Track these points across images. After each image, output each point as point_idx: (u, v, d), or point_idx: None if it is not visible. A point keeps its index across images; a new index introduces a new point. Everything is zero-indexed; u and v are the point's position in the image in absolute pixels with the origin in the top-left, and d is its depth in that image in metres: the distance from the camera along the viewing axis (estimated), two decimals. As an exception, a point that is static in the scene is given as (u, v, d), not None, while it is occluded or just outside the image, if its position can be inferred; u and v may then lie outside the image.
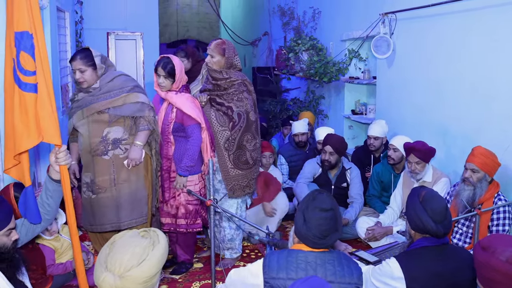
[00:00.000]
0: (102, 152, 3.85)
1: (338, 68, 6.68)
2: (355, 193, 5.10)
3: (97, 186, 3.88)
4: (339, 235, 2.51)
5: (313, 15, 7.71)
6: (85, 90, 3.89)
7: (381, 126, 5.38)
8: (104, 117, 3.84)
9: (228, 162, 4.22)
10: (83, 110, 3.85)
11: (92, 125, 3.85)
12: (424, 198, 2.69)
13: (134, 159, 3.88)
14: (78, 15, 9.02)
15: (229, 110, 4.17)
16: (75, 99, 3.95)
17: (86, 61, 3.80)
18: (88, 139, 3.85)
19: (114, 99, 3.84)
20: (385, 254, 3.76)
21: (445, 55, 4.68)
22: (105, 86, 3.86)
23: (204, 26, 16.46)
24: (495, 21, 4.02)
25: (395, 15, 5.40)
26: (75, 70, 3.79)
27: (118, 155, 3.89)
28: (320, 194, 2.52)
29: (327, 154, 5.04)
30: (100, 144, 3.84)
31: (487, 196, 3.72)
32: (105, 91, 3.85)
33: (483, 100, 4.20)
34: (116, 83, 3.89)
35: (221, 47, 4.17)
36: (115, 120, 3.86)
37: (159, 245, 2.09)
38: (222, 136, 4.18)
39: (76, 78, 3.82)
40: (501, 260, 2.03)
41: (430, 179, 4.49)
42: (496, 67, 4.04)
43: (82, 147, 3.90)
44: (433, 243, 2.67)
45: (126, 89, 3.89)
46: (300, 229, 2.47)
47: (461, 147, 4.41)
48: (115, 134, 3.87)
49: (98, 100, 3.83)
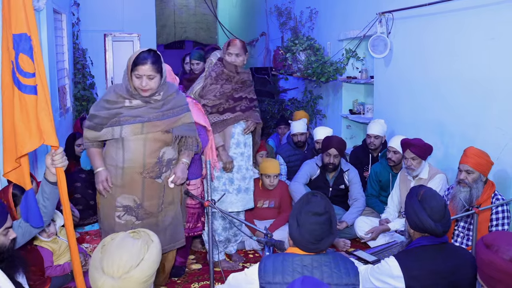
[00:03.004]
0: (156, 174, 3.46)
1: (335, 68, 6.67)
2: (357, 192, 5.10)
3: (144, 211, 3.49)
4: (333, 238, 2.49)
5: (310, 15, 7.70)
6: (144, 99, 3.39)
7: (381, 124, 5.39)
8: (166, 137, 3.45)
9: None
10: (144, 125, 3.36)
11: (150, 143, 3.40)
12: (422, 196, 2.69)
13: (183, 177, 3.53)
14: (75, 17, 9.00)
15: (257, 102, 4.44)
16: (126, 105, 3.38)
17: (157, 66, 3.32)
18: (142, 158, 3.39)
19: (178, 118, 3.49)
20: (384, 254, 3.75)
21: (442, 54, 4.68)
22: (168, 101, 3.46)
23: (202, 27, 16.44)
24: (492, 20, 4.02)
25: (392, 15, 5.40)
26: (141, 76, 3.28)
27: (168, 177, 3.54)
28: (314, 197, 2.49)
29: (331, 157, 5.02)
30: (156, 166, 3.44)
31: (485, 197, 3.72)
32: (170, 107, 3.45)
33: (481, 99, 4.20)
34: (178, 99, 3.54)
35: (245, 47, 4.30)
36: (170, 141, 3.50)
37: (153, 244, 2.08)
38: (259, 130, 4.46)
39: (142, 85, 3.29)
40: (504, 259, 2.01)
41: (426, 175, 4.49)
42: (493, 66, 4.05)
43: (127, 165, 3.39)
44: (432, 242, 2.67)
45: (185, 107, 3.57)
46: (293, 234, 2.45)
47: (459, 146, 4.41)
48: (169, 155, 3.50)
49: (164, 118, 3.41)
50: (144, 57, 3.28)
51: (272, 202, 4.99)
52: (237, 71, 4.23)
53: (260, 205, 4.98)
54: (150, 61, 3.28)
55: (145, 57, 3.28)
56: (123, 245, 2.03)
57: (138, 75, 3.28)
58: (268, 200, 4.99)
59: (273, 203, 4.99)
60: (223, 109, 4.21)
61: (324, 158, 5.08)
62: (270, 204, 4.98)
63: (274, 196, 4.98)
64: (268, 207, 5.00)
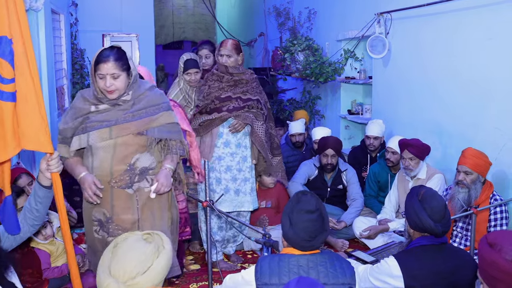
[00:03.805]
0: (126, 184, 3.04)
1: (334, 68, 6.67)
2: (355, 192, 5.09)
3: (115, 226, 3.09)
4: (327, 235, 2.52)
5: (308, 15, 7.70)
6: (111, 102, 3.03)
7: (379, 125, 5.39)
8: (139, 141, 3.05)
9: (269, 154, 4.38)
10: (112, 129, 2.99)
11: (119, 148, 3.02)
12: (423, 196, 2.70)
13: (167, 184, 3.05)
14: (73, 17, 9.00)
15: (258, 103, 4.28)
16: (92, 110, 3.04)
17: (122, 63, 2.96)
18: (110, 166, 3.01)
19: (152, 118, 3.08)
20: (383, 254, 3.76)
21: (441, 54, 4.68)
22: (139, 100, 3.08)
23: (200, 27, 16.47)
24: (491, 20, 4.02)
25: (390, 15, 5.39)
26: (105, 76, 2.93)
27: (143, 188, 3.09)
28: (304, 196, 2.52)
29: (329, 157, 5.01)
30: (126, 174, 3.03)
31: (483, 198, 3.72)
32: (141, 107, 3.06)
33: (479, 99, 4.20)
34: (152, 97, 3.13)
35: (238, 47, 4.25)
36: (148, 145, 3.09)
37: (164, 251, 2.04)
38: (262, 131, 4.28)
39: (106, 86, 2.93)
40: (507, 260, 1.99)
41: (424, 176, 4.49)
42: (491, 66, 4.04)
43: (95, 173, 3.02)
44: (432, 242, 2.68)
45: (163, 106, 3.14)
46: (287, 233, 2.48)
47: (457, 146, 4.40)
48: (144, 162, 3.07)
49: (134, 119, 3.03)
50: (106, 54, 2.93)
51: (270, 202, 4.99)
52: (228, 71, 4.21)
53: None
54: (113, 58, 2.92)
55: (107, 54, 2.93)
56: (134, 248, 1.99)
57: (101, 74, 2.93)
58: (266, 200, 4.99)
59: (270, 203, 4.99)
60: (210, 109, 4.21)
61: (321, 159, 5.07)
62: (267, 204, 4.98)
63: (272, 196, 4.98)
64: (266, 207, 4.99)
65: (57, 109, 6.83)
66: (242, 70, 4.29)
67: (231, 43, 4.23)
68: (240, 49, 4.27)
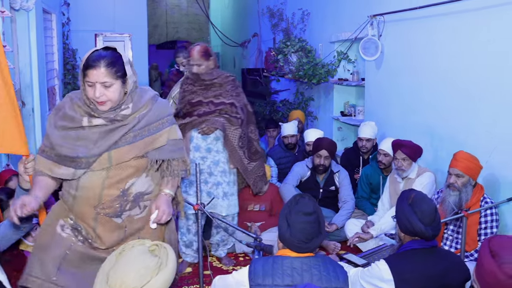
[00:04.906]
0: (115, 212, 2.60)
1: (327, 69, 6.67)
2: (346, 194, 5.08)
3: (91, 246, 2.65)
4: (323, 238, 2.54)
5: (302, 16, 7.70)
6: (108, 116, 2.52)
7: (372, 127, 5.40)
8: (138, 163, 2.61)
9: (244, 159, 4.26)
10: (111, 154, 2.52)
11: (114, 171, 2.56)
12: (413, 200, 2.71)
13: (167, 212, 2.60)
14: (65, 17, 8.97)
15: (233, 106, 4.17)
16: (84, 125, 2.51)
17: (115, 70, 2.45)
18: (100, 189, 2.55)
19: (155, 137, 2.61)
20: (374, 257, 3.76)
21: (433, 57, 4.68)
22: (142, 116, 2.58)
23: (194, 27, 16.43)
24: (482, 24, 4.03)
25: (383, 17, 5.40)
26: (94, 84, 2.42)
27: (133, 216, 2.66)
28: (302, 198, 2.54)
29: (322, 158, 5.01)
30: (116, 201, 2.58)
31: (474, 201, 3.72)
32: (144, 125, 2.57)
33: (470, 103, 4.21)
34: (156, 110, 2.63)
35: (206, 53, 4.13)
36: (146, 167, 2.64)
37: (166, 268, 1.96)
38: (235, 136, 4.16)
39: (96, 96, 2.43)
40: (506, 274, 1.94)
41: (415, 175, 4.50)
42: (483, 70, 4.05)
43: (80, 192, 2.58)
44: (422, 246, 2.69)
45: (168, 120, 2.67)
46: (284, 234, 2.48)
47: (448, 148, 4.41)
48: (139, 187, 2.64)
49: (136, 139, 2.56)
50: (97, 58, 2.42)
51: (263, 205, 4.98)
52: (201, 78, 4.15)
53: (250, 208, 4.97)
54: (105, 63, 2.41)
55: (98, 58, 2.42)
56: (136, 260, 1.94)
57: (90, 82, 2.42)
58: (259, 203, 4.97)
59: (263, 206, 4.98)
60: (183, 114, 4.18)
61: (314, 159, 5.07)
62: (261, 207, 4.97)
63: (265, 199, 4.97)
64: (259, 211, 4.98)
65: (48, 110, 6.79)
66: (216, 74, 4.18)
67: (197, 52, 4.12)
68: (209, 54, 4.15)
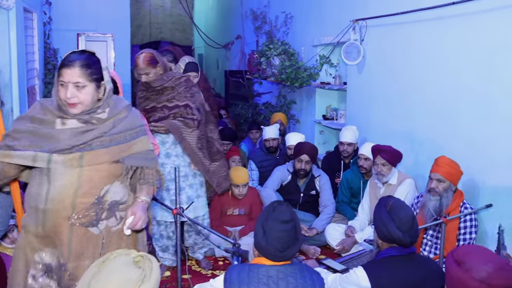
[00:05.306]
0: (90, 221, 2.47)
1: (309, 73, 6.67)
2: (327, 199, 5.08)
3: (69, 275, 2.47)
4: (299, 245, 2.51)
5: (285, 19, 7.70)
6: (82, 118, 2.47)
7: (353, 131, 5.41)
8: (113, 169, 2.53)
9: (205, 160, 4.17)
10: (83, 155, 2.42)
11: (87, 177, 2.45)
12: (391, 207, 2.71)
13: (143, 218, 2.50)
14: (46, 16, 8.86)
15: (187, 108, 4.07)
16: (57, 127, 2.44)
17: (91, 72, 2.42)
18: (73, 197, 2.42)
19: (130, 144, 2.55)
20: (353, 263, 3.76)
21: (414, 63, 4.71)
22: (118, 121, 2.54)
23: (177, 28, 16.38)
24: (464, 30, 4.06)
25: (365, 22, 5.42)
26: (66, 84, 2.38)
27: (111, 227, 2.55)
28: (280, 205, 2.51)
29: (303, 163, 5.00)
30: (91, 209, 2.47)
31: (454, 206, 3.74)
32: (119, 131, 2.51)
33: (450, 108, 4.23)
34: (131, 119, 2.60)
35: (151, 61, 3.99)
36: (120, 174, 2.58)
37: (149, 282, 1.90)
38: (193, 138, 4.07)
39: (67, 97, 2.38)
40: (475, 279, 1.97)
41: (395, 181, 4.52)
42: (462, 75, 4.08)
43: (50, 205, 2.41)
44: (400, 252, 2.69)
45: (141, 130, 2.62)
46: (260, 242, 2.45)
47: (429, 153, 4.44)
48: (115, 195, 2.55)
49: (111, 144, 2.48)
50: (72, 58, 2.40)
51: (243, 209, 4.95)
52: (151, 86, 4.06)
53: (230, 212, 4.94)
54: (80, 64, 2.38)
55: (74, 58, 2.39)
56: (120, 270, 1.90)
57: (63, 82, 2.38)
58: (238, 207, 4.95)
59: (243, 210, 4.95)
60: None
61: (295, 164, 5.06)
62: (240, 211, 4.94)
63: (245, 203, 4.95)
64: (239, 215, 4.96)
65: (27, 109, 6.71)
66: (167, 78, 4.06)
67: (143, 60, 3.98)
68: (156, 61, 4.00)
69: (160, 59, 4.02)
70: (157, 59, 4.00)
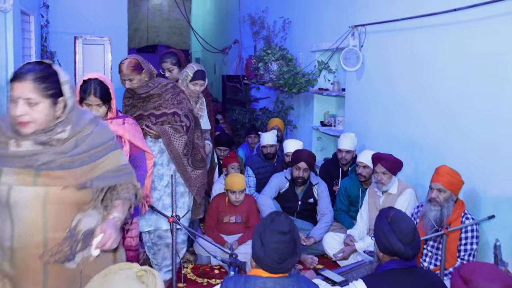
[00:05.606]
0: (66, 256, 2.22)
1: (307, 79, 6.63)
2: (325, 207, 5.03)
3: None
4: (297, 258, 2.44)
5: (283, 25, 7.65)
6: (38, 139, 2.15)
7: (351, 138, 5.36)
8: (81, 196, 2.25)
9: (188, 167, 4.07)
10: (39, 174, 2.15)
11: (52, 208, 2.17)
12: (392, 218, 2.65)
13: (114, 237, 2.21)
14: (44, 19, 8.81)
15: (175, 115, 3.97)
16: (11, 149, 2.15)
17: (45, 86, 2.12)
18: (42, 233, 2.16)
19: (96, 164, 2.28)
20: (352, 274, 3.69)
21: (414, 70, 4.67)
22: (81, 139, 2.24)
23: (175, 32, 16.36)
24: (464, 37, 4.02)
25: (364, 28, 5.38)
26: (16, 100, 2.08)
27: (88, 257, 2.28)
28: (278, 216, 2.44)
29: (301, 170, 4.95)
30: (65, 243, 2.22)
31: (455, 216, 3.68)
32: (83, 150, 2.22)
33: (450, 116, 4.19)
34: (97, 135, 2.30)
35: (136, 67, 3.84)
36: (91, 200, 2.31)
37: None
38: (180, 144, 3.97)
39: (16, 114, 2.09)
40: None
41: (395, 191, 4.47)
42: (463, 83, 4.04)
43: (18, 243, 2.15)
44: (401, 266, 2.63)
45: (110, 145, 2.35)
46: (257, 253, 2.38)
47: (428, 161, 4.39)
48: (88, 223, 2.29)
49: (73, 166, 2.19)
50: (25, 70, 2.10)
51: (239, 217, 4.88)
52: (137, 93, 3.93)
53: (226, 220, 4.88)
54: (32, 77, 2.08)
55: (26, 70, 2.10)
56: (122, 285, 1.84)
57: (13, 97, 2.09)
58: (235, 215, 4.88)
59: (240, 218, 4.89)
60: None
61: (293, 171, 5.01)
62: (237, 219, 4.88)
63: (241, 211, 4.88)
64: (235, 222, 4.89)
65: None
66: (152, 84, 3.92)
67: (127, 66, 3.82)
68: (140, 67, 3.84)
69: (145, 66, 3.88)
70: (142, 65, 3.86)
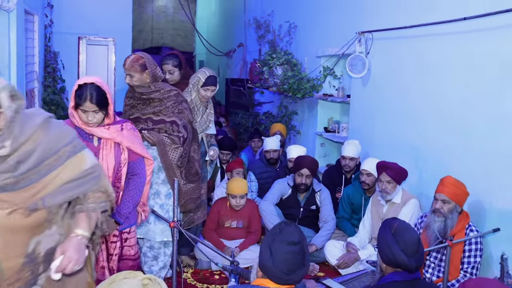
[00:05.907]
0: (28, 282, 2.05)
1: (312, 84, 6.59)
2: (327, 214, 4.98)
3: None
4: (306, 270, 2.38)
5: (289, 29, 7.62)
6: None
7: (356, 146, 5.32)
8: (35, 218, 2.00)
9: (180, 179, 3.98)
10: None
11: (5, 235, 1.95)
12: (396, 229, 2.61)
13: (75, 259, 2.00)
14: (48, 19, 8.80)
15: (174, 125, 3.88)
16: None
17: None
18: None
19: (50, 177, 1.98)
20: (354, 283, 3.66)
21: (421, 78, 4.62)
22: (27, 153, 1.92)
23: (179, 34, 16.40)
24: (474, 46, 3.97)
25: (371, 35, 5.33)
26: None
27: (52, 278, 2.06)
28: (288, 226, 2.38)
29: (303, 177, 4.91)
30: (25, 269, 2.02)
31: (459, 228, 3.63)
32: (31, 166, 1.92)
33: (456, 126, 4.14)
34: (48, 142, 1.98)
35: (139, 63, 3.73)
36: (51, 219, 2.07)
37: None
38: (175, 155, 3.88)
39: None
40: None
41: (399, 200, 4.42)
42: (470, 93, 3.99)
43: None
44: (404, 278, 2.59)
45: (65, 151, 2.03)
46: (265, 264, 2.33)
47: (433, 171, 4.34)
48: (48, 243, 2.08)
49: (18, 186, 1.92)
50: None
51: (241, 222, 4.84)
52: (136, 91, 3.83)
53: (228, 224, 4.83)
54: None
55: None
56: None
57: None
58: (236, 220, 4.84)
59: (241, 223, 4.84)
60: None
61: (296, 178, 4.96)
62: (238, 224, 4.83)
63: (243, 216, 4.84)
64: (237, 227, 4.84)
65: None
66: (155, 88, 3.82)
67: (130, 61, 3.73)
68: (144, 66, 3.73)
69: (150, 67, 3.76)
70: (147, 65, 3.74)
